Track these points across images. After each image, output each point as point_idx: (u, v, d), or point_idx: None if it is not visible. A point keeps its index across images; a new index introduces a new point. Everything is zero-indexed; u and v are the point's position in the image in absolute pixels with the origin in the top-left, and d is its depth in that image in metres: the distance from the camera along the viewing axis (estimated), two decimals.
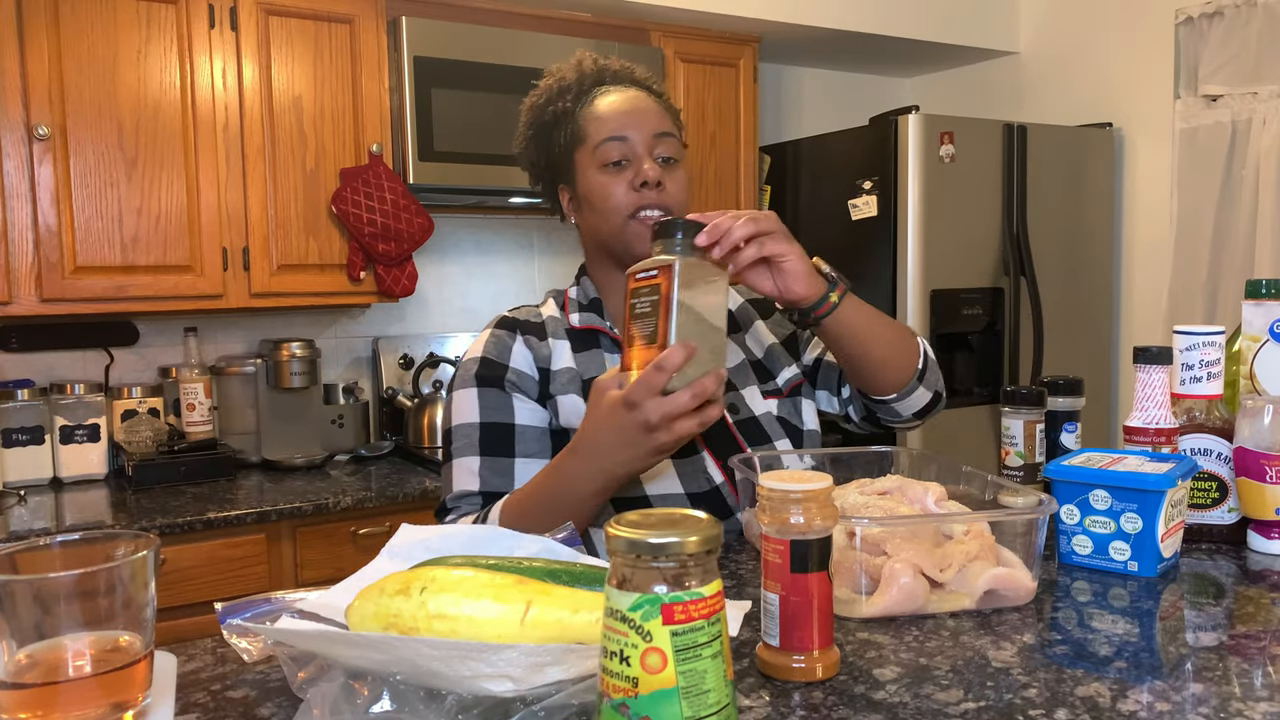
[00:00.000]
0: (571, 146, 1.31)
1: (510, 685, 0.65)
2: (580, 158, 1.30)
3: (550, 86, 1.35)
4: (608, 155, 1.27)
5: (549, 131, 1.33)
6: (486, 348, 1.31)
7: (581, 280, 1.39)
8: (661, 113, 1.31)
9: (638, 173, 1.26)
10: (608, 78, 1.34)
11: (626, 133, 1.27)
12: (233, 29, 2.49)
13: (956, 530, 0.96)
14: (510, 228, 3.29)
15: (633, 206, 1.26)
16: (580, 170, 1.30)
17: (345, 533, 2.39)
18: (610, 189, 1.27)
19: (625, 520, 0.61)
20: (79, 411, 2.55)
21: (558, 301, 1.38)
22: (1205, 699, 0.73)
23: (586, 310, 1.35)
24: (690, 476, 1.24)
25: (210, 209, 2.49)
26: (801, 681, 0.77)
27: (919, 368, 1.28)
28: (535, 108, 1.36)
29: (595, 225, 1.31)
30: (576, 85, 1.32)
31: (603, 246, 1.32)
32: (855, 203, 3.10)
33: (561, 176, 1.35)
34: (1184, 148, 3.16)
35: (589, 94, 1.32)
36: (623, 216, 1.26)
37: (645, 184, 1.25)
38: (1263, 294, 1.21)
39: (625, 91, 1.31)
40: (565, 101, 1.32)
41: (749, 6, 3.10)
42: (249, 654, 0.80)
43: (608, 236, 1.29)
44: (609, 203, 1.27)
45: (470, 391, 1.28)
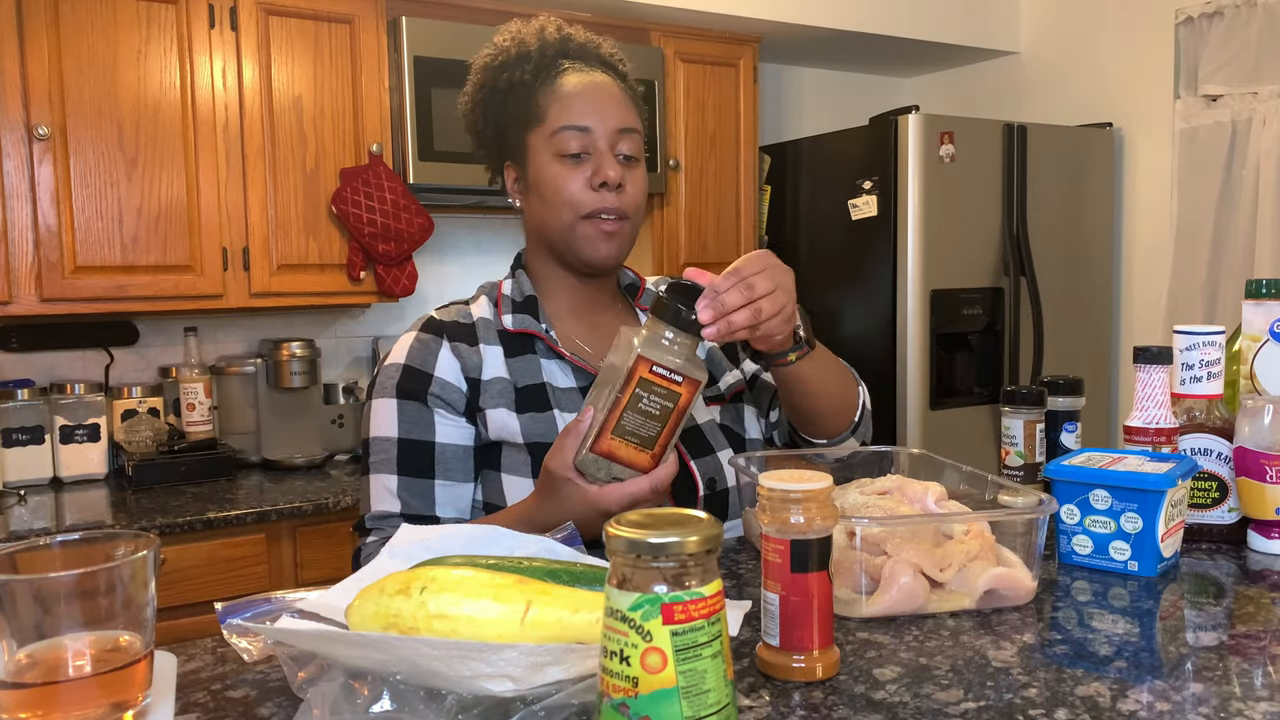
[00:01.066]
0: (526, 124, 1.21)
1: (510, 685, 0.65)
2: (534, 140, 1.21)
3: (506, 49, 1.24)
4: (565, 145, 1.18)
5: (501, 100, 1.24)
6: (410, 354, 1.21)
7: (518, 274, 1.30)
8: (628, 105, 1.22)
9: (597, 170, 1.18)
10: (572, 49, 1.24)
11: (589, 122, 1.18)
12: (233, 29, 2.49)
13: (956, 530, 0.96)
14: (510, 228, 3.28)
15: (588, 207, 1.18)
16: (533, 153, 1.21)
17: (345, 533, 2.38)
18: (565, 183, 1.18)
19: (625, 520, 0.61)
20: (79, 411, 2.55)
21: (490, 298, 1.29)
22: (1205, 699, 0.73)
23: (521, 310, 1.26)
24: None
25: (210, 209, 2.49)
26: (801, 681, 0.77)
27: (855, 421, 1.29)
28: (487, 69, 1.25)
29: (542, 217, 1.22)
30: (538, 55, 1.22)
31: (546, 240, 1.24)
32: (855, 203, 3.10)
33: (510, 154, 1.25)
34: (1184, 148, 3.16)
35: (550, 68, 1.22)
36: (575, 215, 1.19)
37: (605, 185, 1.18)
38: (1263, 294, 1.21)
39: (591, 74, 1.22)
40: (523, 72, 1.22)
41: (749, 6, 3.10)
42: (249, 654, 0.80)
43: (555, 233, 1.22)
44: (561, 197, 1.19)
45: (390, 403, 1.20)
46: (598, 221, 1.19)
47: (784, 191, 3.42)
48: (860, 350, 3.12)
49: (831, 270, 3.24)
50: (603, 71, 1.24)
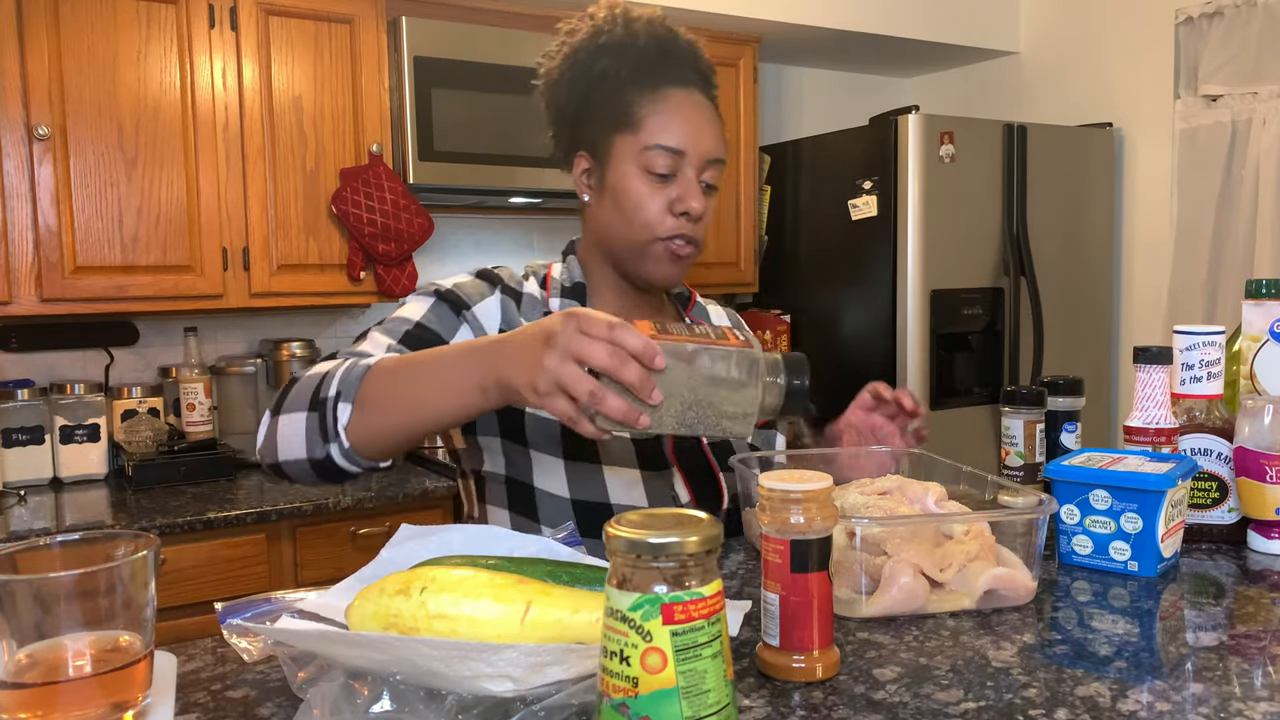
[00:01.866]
0: (615, 125, 1.18)
1: (510, 685, 0.65)
2: (621, 143, 1.17)
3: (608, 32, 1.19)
4: (656, 164, 1.16)
5: (590, 87, 1.19)
6: (460, 285, 1.21)
7: (568, 259, 1.28)
8: (720, 134, 1.20)
9: (682, 197, 1.16)
10: (674, 53, 1.20)
11: (684, 147, 1.16)
12: (233, 29, 2.49)
13: (956, 530, 0.96)
14: (510, 228, 3.28)
15: (666, 231, 1.17)
16: (617, 158, 1.18)
17: (345, 533, 2.39)
18: (647, 201, 1.16)
19: (625, 520, 0.61)
20: (79, 411, 2.55)
21: (538, 279, 1.27)
22: (1205, 699, 0.73)
23: (569, 295, 1.24)
24: (659, 492, 1.20)
25: (210, 209, 2.49)
26: (801, 681, 0.77)
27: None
28: (583, 49, 1.20)
29: (612, 224, 1.20)
30: (640, 50, 1.18)
31: (610, 248, 1.22)
32: (855, 203, 3.10)
33: (586, 144, 1.21)
34: (1184, 148, 3.16)
35: (652, 73, 1.18)
36: (650, 235, 1.17)
37: (686, 214, 1.16)
38: (1263, 294, 1.21)
39: (692, 93, 1.19)
40: (622, 66, 1.18)
41: (749, 6, 3.10)
42: (249, 654, 0.80)
43: (623, 245, 1.20)
44: (641, 215, 1.17)
45: (423, 301, 1.18)
46: (670, 244, 1.18)
47: (784, 191, 3.42)
48: (860, 350, 3.12)
49: (831, 270, 3.24)
50: (701, 91, 1.21)
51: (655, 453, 1.23)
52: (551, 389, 0.85)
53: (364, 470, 1.02)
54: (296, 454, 1.01)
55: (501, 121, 2.72)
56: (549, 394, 0.85)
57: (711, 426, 0.90)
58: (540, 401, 0.86)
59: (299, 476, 1.04)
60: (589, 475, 1.18)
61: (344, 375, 0.99)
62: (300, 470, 1.02)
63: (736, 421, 0.89)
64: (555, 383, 0.84)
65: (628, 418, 0.84)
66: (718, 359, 0.88)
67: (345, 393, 0.98)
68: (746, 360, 0.89)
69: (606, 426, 0.87)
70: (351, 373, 0.99)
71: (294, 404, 1.01)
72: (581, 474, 1.18)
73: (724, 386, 0.88)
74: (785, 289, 3.43)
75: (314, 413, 0.99)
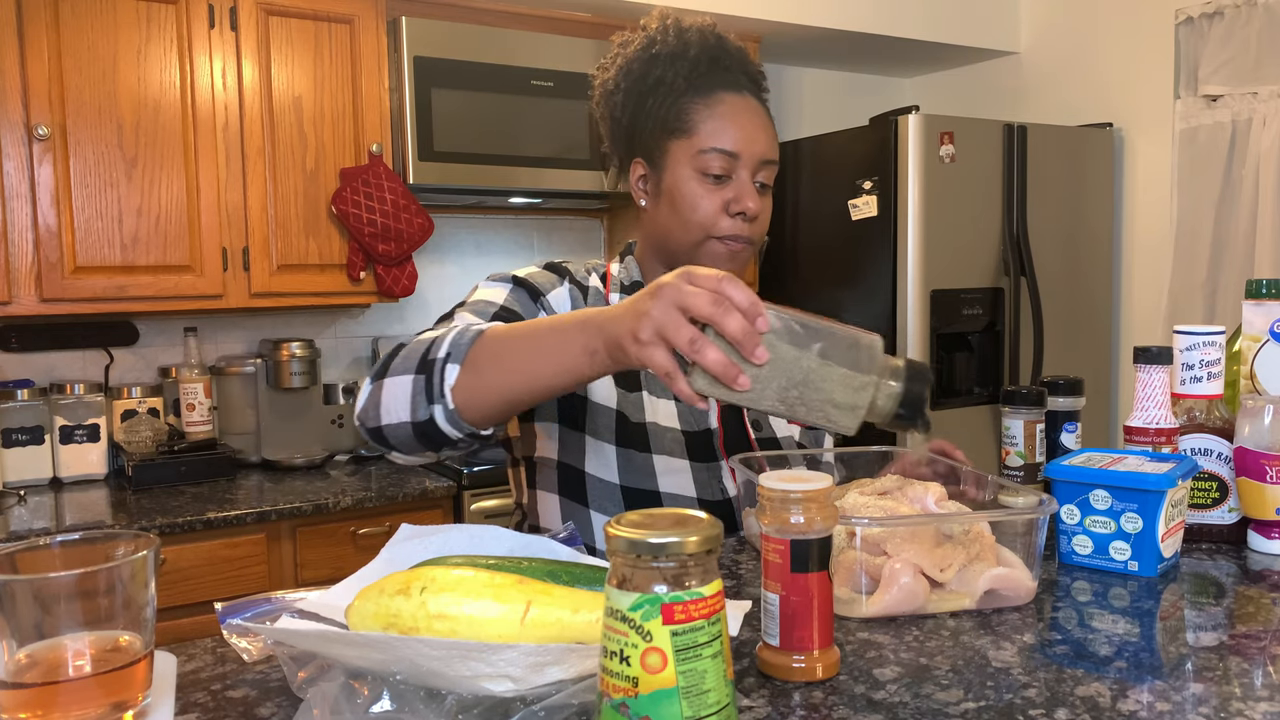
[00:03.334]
0: (670, 131, 1.21)
1: (510, 685, 0.65)
2: (677, 149, 1.21)
3: (664, 42, 1.23)
4: (710, 166, 1.19)
5: (644, 96, 1.23)
6: (531, 274, 1.24)
7: (626, 260, 1.32)
8: (773, 135, 1.23)
9: (738, 198, 1.19)
10: (725, 59, 1.24)
11: (738, 149, 1.19)
12: (233, 29, 2.49)
13: (956, 530, 0.96)
14: (510, 228, 3.29)
15: (721, 230, 1.20)
16: (673, 162, 1.22)
17: (345, 533, 2.39)
18: (703, 202, 1.20)
19: (625, 520, 0.61)
20: (79, 411, 2.55)
21: (599, 275, 1.31)
22: (1205, 699, 0.73)
23: (628, 292, 1.27)
24: (705, 483, 1.23)
25: (210, 209, 2.49)
26: (801, 681, 0.77)
27: None
28: (637, 59, 1.24)
29: (669, 226, 1.23)
30: (693, 60, 1.22)
31: (666, 248, 1.25)
32: (855, 203, 3.10)
33: (642, 150, 1.25)
34: (1184, 148, 3.16)
35: (705, 80, 1.21)
36: (705, 234, 1.20)
37: (742, 214, 1.19)
38: (1263, 294, 1.21)
39: (744, 97, 1.22)
40: (676, 75, 1.21)
41: (749, 6, 3.10)
42: (249, 654, 0.80)
43: (679, 245, 1.23)
44: (696, 216, 1.20)
45: (502, 286, 1.21)
46: (726, 243, 1.21)
47: (784, 191, 3.42)
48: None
49: (831, 270, 3.24)
50: (753, 94, 1.24)
51: (705, 445, 1.25)
52: (652, 337, 0.83)
53: (464, 436, 0.99)
54: (400, 416, 1.00)
55: (501, 121, 2.72)
56: (649, 342, 0.83)
57: (815, 411, 0.84)
58: (640, 352, 0.84)
59: (400, 442, 1.02)
60: (639, 463, 1.20)
61: (455, 338, 0.99)
62: (402, 435, 1.01)
63: (844, 413, 0.84)
64: (656, 330, 0.82)
65: (727, 373, 0.81)
66: (836, 340, 0.83)
67: (455, 354, 0.97)
68: (865, 349, 0.84)
69: (703, 388, 0.83)
70: (463, 336, 0.98)
71: (400, 367, 1.01)
72: (632, 461, 1.21)
73: (837, 372, 0.83)
74: (785, 289, 3.43)
75: (421, 375, 0.98)
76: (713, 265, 1.19)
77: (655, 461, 1.21)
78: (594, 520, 1.22)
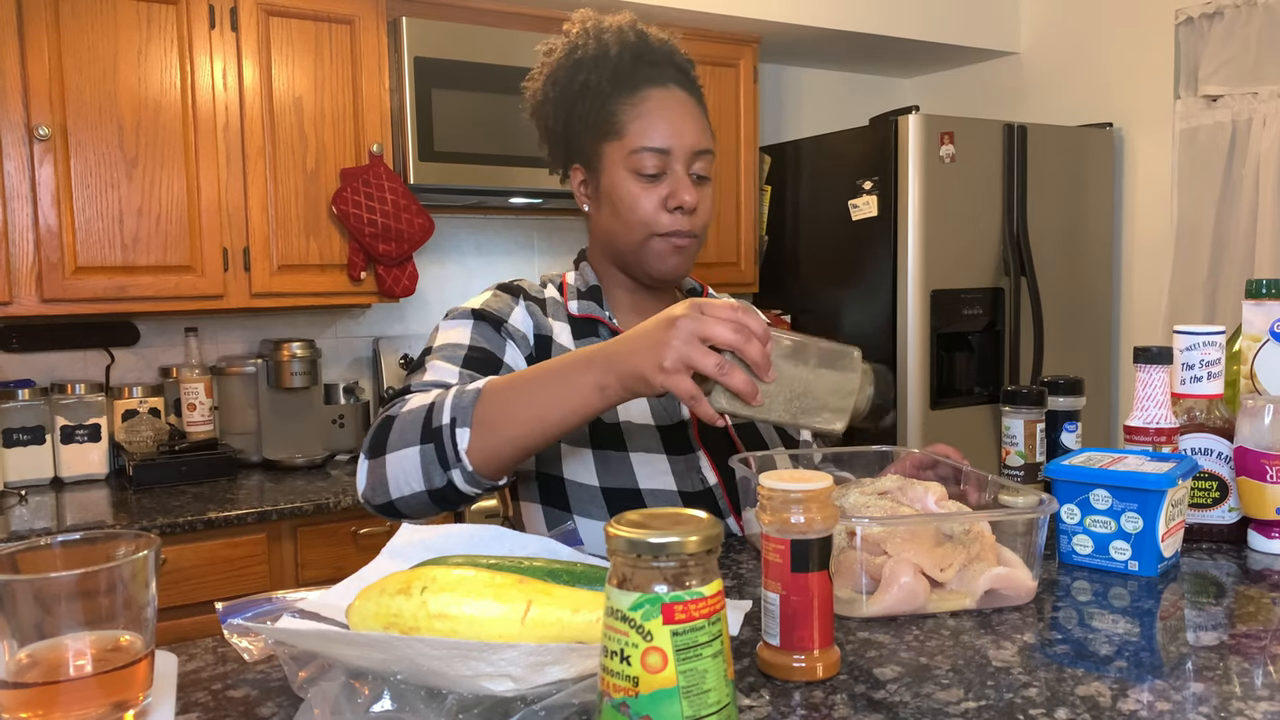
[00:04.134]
0: (601, 134, 1.22)
1: (511, 684, 0.65)
2: (609, 151, 1.22)
3: (584, 46, 1.23)
4: (643, 165, 1.19)
5: (573, 102, 1.23)
6: (487, 301, 1.25)
7: (581, 266, 1.33)
8: (704, 125, 1.24)
9: (674, 193, 1.20)
10: (649, 54, 1.23)
11: (668, 144, 1.19)
12: (233, 29, 2.50)
13: (957, 530, 0.96)
14: (510, 228, 3.29)
15: (662, 227, 1.21)
16: (608, 165, 1.22)
17: (346, 533, 2.39)
18: (640, 201, 1.20)
19: (626, 520, 0.61)
20: (79, 411, 2.55)
21: (555, 285, 1.32)
22: (1205, 698, 0.73)
23: (585, 298, 1.29)
24: (684, 475, 1.22)
25: (211, 209, 2.49)
26: (802, 681, 0.77)
27: None
28: (561, 67, 1.24)
29: (612, 228, 1.24)
30: (616, 59, 1.21)
31: (613, 250, 1.27)
32: (855, 203, 3.10)
33: (578, 156, 1.26)
34: (1184, 148, 3.16)
35: (629, 79, 1.21)
36: (648, 232, 1.21)
37: (680, 208, 1.20)
38: (1263, 294, 1.21)
39: (670, 91, 1.22)
40: (600, 77, 1.21)
41: (749, 6, 3.10)
42: (250, 654, 0.80)
43: (624, 245, 1.24)
44: (636, 216, 1.21)
45: (464, 323, 1.21)
46: (669, 239, 1.22)
47: (784, 191, 3.42)
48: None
49: (832, 270, 3.24)
50: (680, 86, 1.24)
51: (681, 437, 1.25)
52: (678, 365, 0.89)
53: (484, 491, 1.03)
54: (413, 488, 1.01)
55: (501, 121, 2.72)
56: (675, 371, 0.89)
57: (813, 419, 0.95)
58: (665, 380, 0.90)
59: (414, 510, 1.04)
60: (617, 463, 1.20)
61: (455, 402, 1.00)
62: (417, 503, 1.03)
63: (837, 416, 0.96)
64: (682, 359, 0.89)
65: (749, 392, 0.90)
66: (825, 353, 0.95)
67: (461, 418, 0.99)
68: (849, 359, 0.96)
69: (723, 407, 0.92)
70: (463, 398, 1.00)
71: (401, 440, 1.02)
72: (609, 462, 1.20)
73: (829, 380, 0.95)
74: (785, 289, 3.43)
75: (429, 444, 1.00)
76: (659, 263, 1.23)
77: (633, 459, 1.21)
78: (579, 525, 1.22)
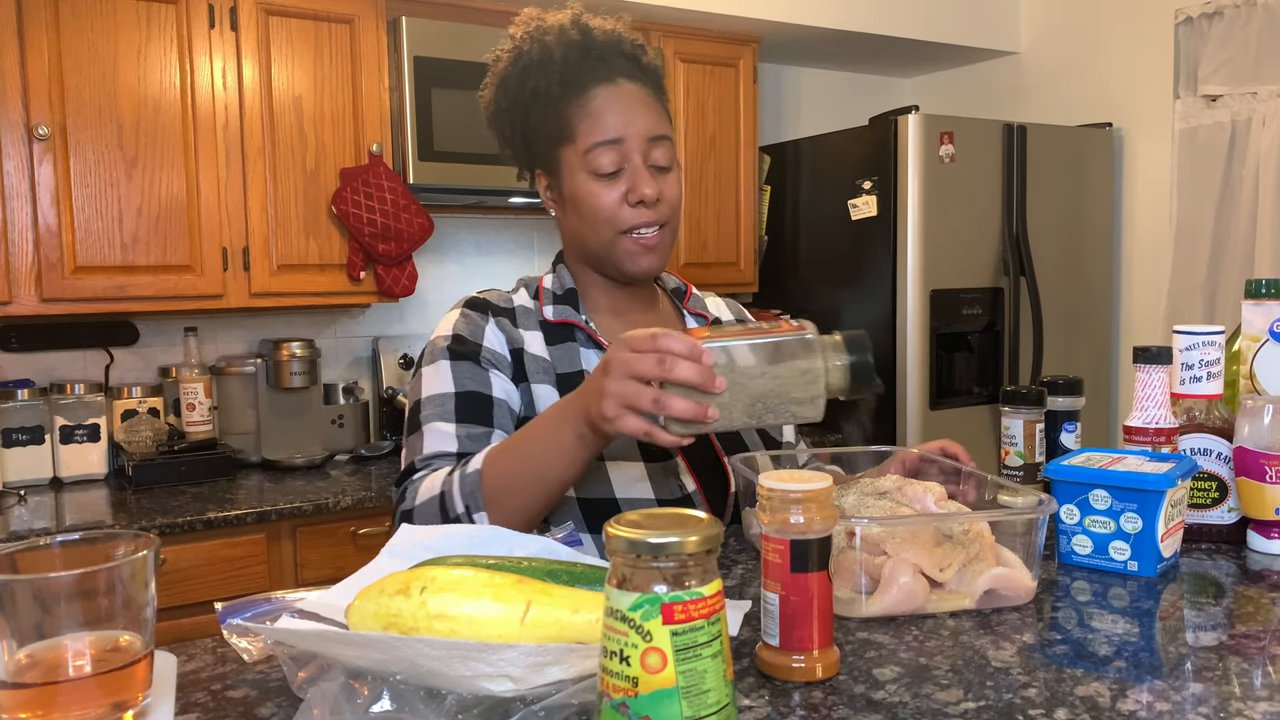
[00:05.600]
0: (556, 140, 1.21)
1: (510, 685, 0.65)
2: (566, 155, 1.21)
3: (527, 53, 1.22)
4: (599, 163, 1.18)
5: (526, 110, 1.22)
6: (457, 326, 1.23)
7: (558, 269, 1.31)
8: (658, 110, 1.22)
9: (633, 187, 1.18)
10: (595, 48, 1.21)
11: (620, 134, 1.18)
12: (233, 29, 2.49)
13: (956, 530, 0.96)
14: (510, 228, 3.29)
15: (627, 223, 1.19)
16: (567, 169, 1.21)
17: (345, 533, 2.39)
18: (601, 200, 1.19)
19: (625, 520, 0.61)
20: (79, 411, 2.55)
21: (530, 291, 1.31)
22: (1205, 699, 0.73)
23: (561, 302, 1.27)
24: (662, 483, 1.20)
25: (210, 209, 2.49)
26: (801, 681, 0.77)
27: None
28: (510, 75, 1.23)
29: (580, 231, 1.24)
30: (562, 62, 1.20)
31: (585, 252, 1.26)
32: (855, 203, 3.10)
33: (539, 162, 1.26)
34: (1184, 148, 3.16)
35: (576, 79, 1.19)
36: (614, 231, 1.20)
37: (642, 202, 1.18)
38: (1263, 294, 1.21)
39: (618, 85, 1.20)
40: (549, 82, 1.20)
41: (749, 6, 3.10)
42: (249, 654, 0.80)
43: (594, 246, 1.23)
44: (600, 215, 1.20)
45: (443, 364, 1.20)
46: (637, 237, 1.21)
47: (784, 191, 3.42)
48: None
49: (831, 270, 3.24)
50: (628, 79, 1.22)
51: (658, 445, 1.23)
52: (618, 410, 0.91)
53: None
54: None
55: None
56: (618, 416, 0.91)
57: (782, 414, 0.93)
58: (615, 425, 0.92)
59: None
60: (593, 472, 1.18)
61: (461, 488, 1.04)
62: None
63: (806, 405, 0.93)
64: (620, 403, 0.91)
65: (696, 414, 0.89)
66: (772, 347, 0.92)
67: (473, 504, 1.03)
68: (802, 344, 0.93)
69: (681, 431, 0.91)
70: (466, 483, 1.04)
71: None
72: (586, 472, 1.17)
73: (786, 373, 0.91)
74: (785, 289, 3.43)
75: None
76: (631, 264, 1.22)
77: (610, 470, 1.19)
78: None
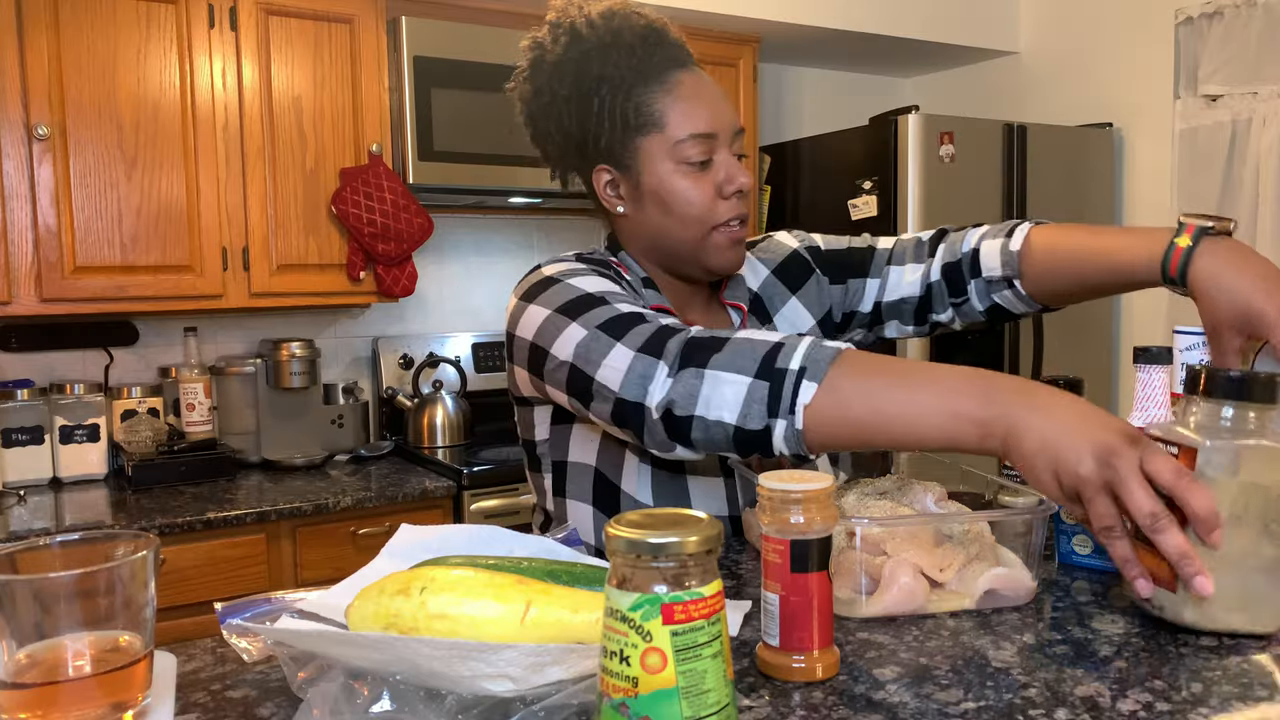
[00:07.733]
0: (635, 128, 1.13)
1: (510, 685, 0.65)
2: (651, 146, 1.13)
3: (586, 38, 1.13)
4: (691, 154, 1.12)
5: (587, 98, 1.14)
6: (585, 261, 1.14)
7: (621, 255, 1.22)
8: (733, 101, 1.17)
9: (729, 178, 1.13)
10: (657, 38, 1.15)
11: (714, 129, 1.12)
12: (232, 29, 2.49)
13: (956, 530, 0.96)
14: (510, 228, 3.29)
15: (721, 216, 1.14)
16: (649, 161, 1.13)
17: (345, 533, 2.39)
18: (694, 194, 1.13)
19: (625, 520, 0.61)
20: (79, 411, 2.55)
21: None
22: (1205, 699, 0.73)
23: (646, 287, 1.19)
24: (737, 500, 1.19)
25: (210, 209, 2.49)
26: (801, 681, 0.77)
27: None
28: (567, 62, 1.14)
29: (663, 227, 1.15)
30: (629, 46, 1.13)
31: (664, 249, 1.18)
32: (855, 203, 3.10)
33: (604, 156, 1.16)
34: (1184, 148, 3.16)
35: (651, 65, 1.13)
36: (707, 226, 1.14)
37: (739, 192, 1.13)
38: None
39: (695, 74, 1.15)
40: (618, 67, 1.12)
41: (749, 6, 3.10)
42: (249, 654, 0.80)
43: (681, 244, 1.15)
44: (694, 209, 1.13)
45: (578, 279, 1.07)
46: (728, 230, 1.15)
47: (784, 191, 3.42)
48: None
49: None
50: (698, 66, 1.17)
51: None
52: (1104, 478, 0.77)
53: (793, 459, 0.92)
54: (724, 417, 0.91)
55: (501, 122, 2.72)
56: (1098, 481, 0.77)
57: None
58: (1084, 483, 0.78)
59: (706, 440, 0.93)
60: (673, 484, 1.16)
61: (809, 351, 0.90)
62: (716, 434, 0.92)
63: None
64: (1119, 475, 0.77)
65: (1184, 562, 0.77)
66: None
67: (811, 370, 0.88)
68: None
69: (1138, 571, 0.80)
70: (819, 350, 0.90)
71: (731, 364, 0.91)
72: (667, 483, 1.16)
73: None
74: None
75: (763, 380, 0.89)
76: (720, 259, 1.15)
77: (690, 482, 1.17)
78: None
